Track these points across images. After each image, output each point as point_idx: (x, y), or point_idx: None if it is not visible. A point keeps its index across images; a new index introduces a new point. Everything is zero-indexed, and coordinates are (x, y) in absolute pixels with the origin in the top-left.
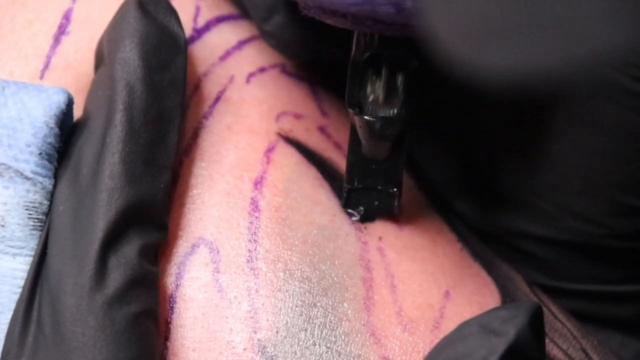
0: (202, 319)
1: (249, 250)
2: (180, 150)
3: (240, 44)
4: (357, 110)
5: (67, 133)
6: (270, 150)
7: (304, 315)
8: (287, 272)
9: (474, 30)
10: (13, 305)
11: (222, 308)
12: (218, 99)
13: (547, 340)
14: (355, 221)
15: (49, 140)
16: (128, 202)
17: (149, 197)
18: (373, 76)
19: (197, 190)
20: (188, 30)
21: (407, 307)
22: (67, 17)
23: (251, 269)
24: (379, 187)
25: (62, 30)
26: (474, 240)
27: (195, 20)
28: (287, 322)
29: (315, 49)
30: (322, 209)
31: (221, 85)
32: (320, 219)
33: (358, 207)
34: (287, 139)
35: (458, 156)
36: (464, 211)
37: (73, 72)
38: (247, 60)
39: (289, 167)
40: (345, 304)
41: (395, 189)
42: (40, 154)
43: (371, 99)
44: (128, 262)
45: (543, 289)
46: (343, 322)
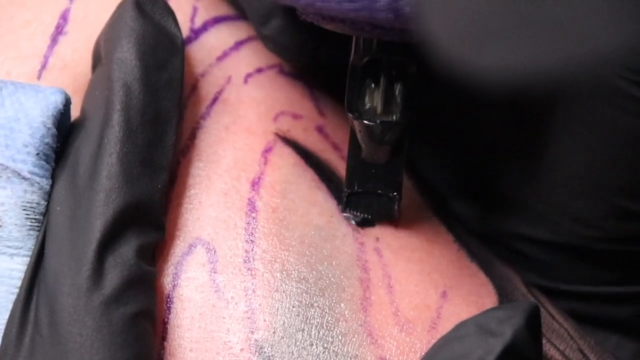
0: (199, 319)
1: (246, 250)
2: (178, 150)
3: (237, 45)
4: (356, 114)
5: (65, 133)
6: (267, 151)
7: (301, 316)
8: (284, 272)
9: (472, 30)
10: (10, 306)
11: (219, 308)
12: (215, 100)
13: (544, 341)
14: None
15: (47, 140)
16: (125, 202)
17: (146, 198)
18: (371, 84)
19: (195, 190)
20: (185, 30)
21: (404, 308)
22: (64, 17)
23: (248, 269)
24: (379, 191)
25: (59, 31)
26: (471, 241)
27: (192, 20)
28: (284, 322)
29: (313, 52)
30: (320, 210)
31: (218, 85)
32: (318, 220)
33: (357, 211)
34: (285, 140)
35: (456, 157)
36: (462, 212)
37: (70, 72)
38: (245, 61)
39: (286, 168)
40: (342, 305)
41: (395, 193)
42: (38, 154)
43: (369, 107)
44: (125, 262)
45: (540, 289)
46: (340, 323)
